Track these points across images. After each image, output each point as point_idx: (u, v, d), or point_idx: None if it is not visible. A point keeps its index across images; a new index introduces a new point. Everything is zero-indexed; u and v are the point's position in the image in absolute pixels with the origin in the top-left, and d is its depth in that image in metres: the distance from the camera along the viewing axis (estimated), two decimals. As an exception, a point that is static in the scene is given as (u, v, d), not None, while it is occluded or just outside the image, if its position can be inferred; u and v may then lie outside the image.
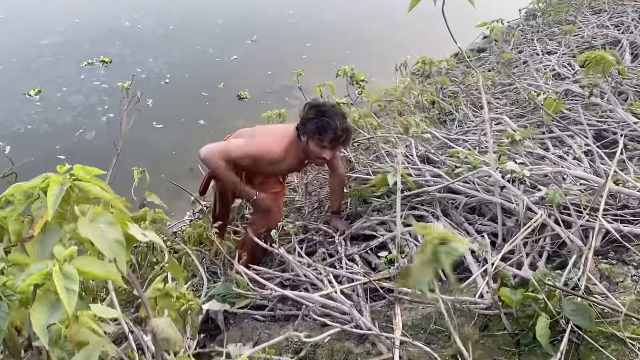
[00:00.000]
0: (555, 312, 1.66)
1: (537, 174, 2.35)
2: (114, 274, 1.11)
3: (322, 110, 2.73)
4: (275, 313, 2.50)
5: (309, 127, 2.71)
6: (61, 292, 0.99)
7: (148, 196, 3.00)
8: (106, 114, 7.09)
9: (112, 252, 1.26)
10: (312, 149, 2.74)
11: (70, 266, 1.04)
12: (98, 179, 1.34)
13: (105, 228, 1.28)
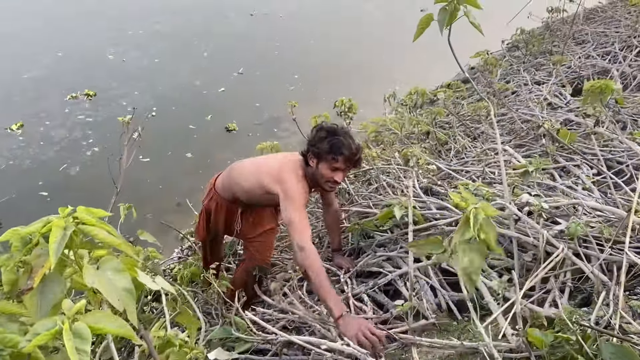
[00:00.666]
0: (591, 354, 1.55)
1: (552, 205, 2.27)
2: (128, 330, 0.98)
3: (332, 130, 2.64)
4: (280, 359, 2.35)
5: (322, 147, 2.58)
6: (72, 355, 0.86)
7: (140, 234, 2.86)
8: (91, 149, 6.94)
9: (122, 302, 1.14)
10: (324, 172, 2.61)
11: (81, 323, 0.91)
12: (103, 221, 1.22)
13: (112, 276, 1.16)
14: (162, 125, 7.74)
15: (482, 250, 1.42)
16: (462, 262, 1.42)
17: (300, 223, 2.46)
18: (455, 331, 2.19)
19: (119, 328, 1.00)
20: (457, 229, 1.45)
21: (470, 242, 1.42)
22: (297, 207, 2.51)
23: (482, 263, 1.42)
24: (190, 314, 1.48)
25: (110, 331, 0.98)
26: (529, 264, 2.31)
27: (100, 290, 1.16)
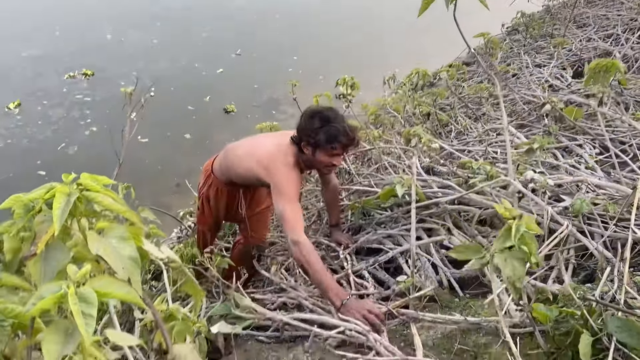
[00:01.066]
0: (596, 329, 1.54)
1: (557, 183, 2.26)
2: (135, 296, 0.96)
3: (326, 116, 2.51)
4: (281, 334, 2.35)
5: (319, 139, 2.48)
6: (78, 318, 0.85)
7: (141, 212, 2.84)
8: (89, 128, 6.89)
9: (126, 270, 1.12)
10: (321, 159, 2.54)
11: (87, 288, 0.89)
12: (108, 189, 1.20)
13: (117, 244, 1.14)
14: (161, 106, 7.66)
15: (522, 258, 1.45)
16: (505, 270, 1.45)
17: (293, 216, 2.39)
18: (457, 307, 2.19)
19: (126, 294, 0.99)
20: (497, 238, 1.49)
21: (511, 250, 1.46)
22: (289, 200, 2.43)
23: (524, 271, 1.45)
24: (195, 283, 1.46)
25: (117, 296, 0.97)
26: (531, 242, 2.30)
27: (105, 258, 1.14)
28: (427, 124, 4.54)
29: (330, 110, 2.57)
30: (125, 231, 1.15)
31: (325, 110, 2.57)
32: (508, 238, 1.42)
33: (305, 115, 2.58)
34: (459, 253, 1.60)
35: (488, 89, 4.69)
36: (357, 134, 2.59)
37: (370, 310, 2.10)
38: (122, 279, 1.11)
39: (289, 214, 2.39)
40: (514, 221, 1.43)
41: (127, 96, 2.75)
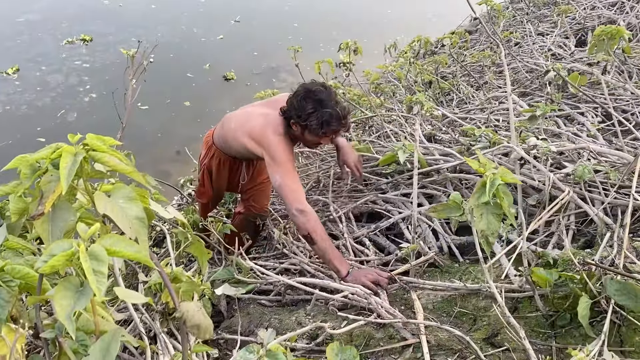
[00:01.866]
0: (595, 292, 1.57)
1: (559, 150, 2.26)
2: (144, 255, 0.97)
3: (319, 99, 2.38)
4: (283, 298, 2.38)
5: (310, 123, 2.38)
6: (89, 275, 0.86)
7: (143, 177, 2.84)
8: (88, 95, 6.84)
9: (134, 230, 1.13)
10: (310, 139, 2.48)
11: (97, 245, 0.90)
12: (114, 149, 1.20)
13: (124, 204, 1.15)
14: (161, 73, 7.58)
15: (498, 214, 1.46)
16: (479, 224, 1.46)
17: (293, 185, 2.35)
18: (457, 273, 2.22)
19: (136, 252, 0.99)
20: (473, 193, 1.49)
21: (487, 205, 1.46)
22: (286, 170, 2.38)
23: (498, 226, 1.46)
24: (202, 244, 1.48)
25: (127, 254, 0.98)
26: (531, 209, 2.32)
27: (112, 218, 1.15)
28: (429, 92, 4.51)
29: (323, 91, 2.43)
30: (132, 191, 1.15)
31: (319, 91, 2.43)
32: (483, 193, 1.43)
33: (298, 94, 2.45)
34: (438, 212, 1.61)
35: (491, 56, 4.65)
36: (349, 117, 2.51)
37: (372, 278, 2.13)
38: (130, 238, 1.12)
39: (289, 185, 2.35)
40: (489, 175, 1.43)
41: (130, 58, 2.72)
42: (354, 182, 3.00)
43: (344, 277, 2.19)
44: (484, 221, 1.44)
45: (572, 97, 3.36)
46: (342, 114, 2.40)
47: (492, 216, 1.44)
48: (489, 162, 1.43)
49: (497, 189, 1.42)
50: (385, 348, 1.79)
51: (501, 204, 1.43)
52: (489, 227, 1.44)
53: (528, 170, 2.28)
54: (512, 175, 1.43)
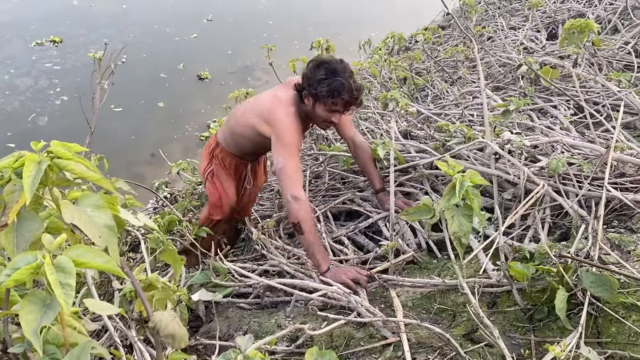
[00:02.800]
0: (572, 285, 1.58)
1: (533, 144, 2.27)
2: (113, 265, 0.94)
3: (333, 68, 2.32)
4: (262, 300, 2.36)
5: (320, 90, 2.30)
6: (56, 288, 0.82)
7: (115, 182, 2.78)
8: (59, 97, 6.70)
9: (103, 239, 1.09)
10: (320, 113, 2.38)
11: (64, 257, 0.87)
12: (80, 156, 1.16)
13: (92, 212, 1.11)
14: (134, 74, 7.50)
15: (469, 215, 1.47)
16: (451, 227, 1.46)
17: (294, 170, 2.28)
18: (436, 269, 2.22)
19: (105, 263, 0.96)
20: (443, 195, 1.50)
21: (457, 207, 1.47)
22: (291, 153, 2.30)
23: (470, 227, 1.47)
24: (174, 251, 1.45)
25: (95, 265, 0.94)
26: (507, 203, 2.33)
27: (80, 227, 1.11)
28: (404, 88, 4.52)
29: (339, 62, 2.39)
30: (100, 199, 1.12)
31: (334, 61, 2.40)
32: (453, 195, 1.44)
33: (312, 63, 2.42)
34: (409, 215, 1.62)
35: (464, 51, 4.68)
36: (361, 93, 2.42)
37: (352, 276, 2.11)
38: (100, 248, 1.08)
39: (291, 169, 2.28)
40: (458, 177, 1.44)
41: (97, 62, 2.66)
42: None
43: (324, 272, 2.17)
44: (455, 223, 1.45)
45: (545, 90, 3.39)
46: (355, 86, 2.34)
47: (464, 218, 1.45)
48: (457, 165, 1.44)
49: (466, 191, 1.43)
50: (366, 348, 1.78)
51: (471, 205, 1.44)
52: (461, 229, 1.45)
53: (503, 164, 2.29)
54: (479, 176, 1.45)
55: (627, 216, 2.02)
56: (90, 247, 0.94)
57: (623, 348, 1.45)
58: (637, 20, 4.31)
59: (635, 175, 2.14)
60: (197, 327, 2.41)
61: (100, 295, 2.66)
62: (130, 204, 2.40)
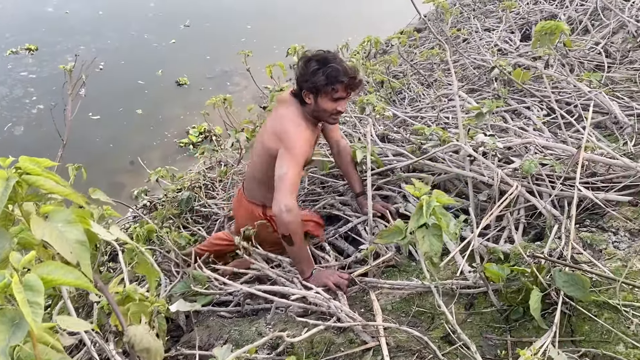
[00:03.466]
0: (545, 285, 1.61)
1: (506, 145, 2.31)
2: (84, 281, 0.94)
3: (323, 58, 2.32)
4: (242, 308, 2.36)
5: (318, 80, 2.27)
6: (23, 307, 0.82)
7: (92, 193, 2.76)
8: (35, 106, 6.61)
9: (75, 254, 1.09)
10: (325, 105, 2.33)
11: (32, 275, 0.86)
12: (50, 171, 1.16)
13: (63, 228, 1.10)
14: (111, 81, 7.42)
15: (439, 235, 1.50)
16: (422, 247, 1.49)
17: (294, 180, 2.22)
18: (415, 271, 2.24)
19: (75, 279, 0.96)
20: (412, 216, 1.52)
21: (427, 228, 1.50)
22: (296, 163, 2.24)
23: (440, 246, 1.50)
24: (148, 263, 1.44)
25: (65, 282, 0.94)
26: (483, 204, 2.37)
27: (51, 243, 1.10)
28: (381, 91, 4.55)
29: (327, 52, 2.39)
30: (71, 214, 1.11)
31: (322, 52, 2.39)
32: (421, 215, 1.47)
33: (301, 61, 2.40)
34: (383, 238, 1.65)
35: (439, 54, 4.73)
36: (358, 74, 2.39)
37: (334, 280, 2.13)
38: (72, 264, 1.08)
39: (291, 177, 2.22)
40: (424, 198, 1.48)
41: (68, 73, 2.64)
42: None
43: (307, 278, 2.19)
44: (426, 243, 1.48)
45: (519, 91, 3.45)
46: (349, 69, 2.32)
47: (434, 237, 1.48)
48: (424, 186, 1.49)
49: (434, 211, 1.47)
50: (346, 353, 1.79)
51: (440, 225, 1.47)
52: (432, 249, 1.48)
53: (478, 166, 2.32)
54: (446, 196, 1.49)
55: (599, 215, 2.06)
56: (59, 263, 0.94)
57: (596, 346, 1.48)
58: (607, 20, 4.40)
59: (606, 174, 2.18)
60: (178, 337, 2.39)
61: (79, 308, 2.64)
62: (108, 214, 2.39)
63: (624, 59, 3.73)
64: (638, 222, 1.89)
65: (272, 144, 2.36)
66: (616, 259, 1.72)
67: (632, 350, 1.40)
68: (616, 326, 1.48)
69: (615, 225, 1.91)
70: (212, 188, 4.40)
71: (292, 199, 2.19)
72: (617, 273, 1.62)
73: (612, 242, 1.84)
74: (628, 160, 2.11)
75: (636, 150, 2.39)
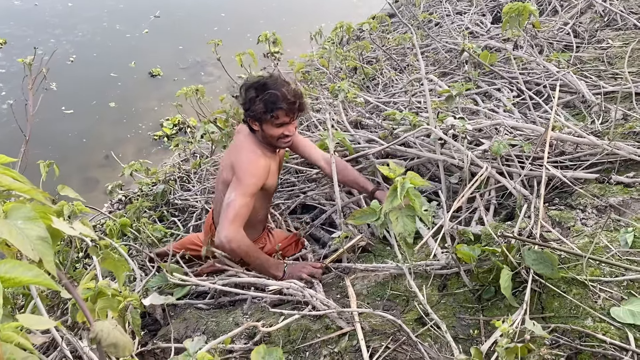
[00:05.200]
0: (515, 264, 1.63)
1: (476, 127, 2.33)
2: (45, 279, 0.92)
3: (261, 84, 2.27)
4: (215, 301, 2.35)
5: (257, 109, 2.24)
6: (-20, 308, 0.80)
7: (61, 189, 2.71)
8: (5, 101, 6.45)
9: (37, 251, 1.06)
10: (270, 132, 2.29)
11: (-13, 274, 0.84)
12: (8, 167, 1.13)
13: (24, 225, 1.07)
14: (84, 74, 7.27)
15: (412, 215, 1.52)
16: (396, 228, 1.51)
17: (238, 210, 2.17)
18: (389, 255, 2.25)
19: (34, 277, 0.94)
20: (386, 197, 1.53)
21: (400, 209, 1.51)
22: (243, 192, 2.20)
23: (414, 226, 1.52)
24: (114, 258, 1.42)
25: (24, 281, 0.92)
26: (455, 187, 2.39)
27: (11, 241, 1.08)
28: (355, 77, 4.55)
29: (268, 77, 2.33)
30: (31, 210, 1.08)
31: (262, 77, 2.33)
32: (395, 197, 1.48)
33: (243, 89, 2.34)
34: (356, 219, 1.65)
35: (411, 39, 4.73)
36: (300, 97, 2.32)
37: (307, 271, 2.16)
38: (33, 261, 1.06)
39: (236, 207, 2.18)
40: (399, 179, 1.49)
41: (27, 67, 2.57)
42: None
43: (282, 278, 2.20)
44: (400, 224, 1.50)
45: (489, 74, 3.47)
46: (290, 92, 2.26)
47: (407, 218, 1.51)
48: (398, 168, 1.49)
49: (407, 192, 1.48)
50: (322, 339, 1.80)
51: (414, 206, 1.49)
52: (405, 229, 1.50)
53: (449, 149, 2.34)
54: (420, 178, 1.50)
55: (568, 193, 2.09)
56: (18, 261, 0.92)
57: (565, 321, 1.50)
58: (575, 1, 4.44)
59: (574, 153, 2.21)
60: (155, 331, 2.38)
61: (53, 306, 2.61)
62: (79, 210, 2.35)
63: (592, 39, 3.78)
64: (605, 198, 1.92)
65: (228, 175, 2.33)
66: (584, 236, 1.75)
67: (599, 324, 1.42)
68: (584, 301, 1.51)
69: (583, 202, 1.94)
70: (188, 180, 4.37)
71: (234, 228, 2.15)
72: (584, 249, 1.65)
73: (580, 219, 1.87)
74: (594, 138, 2.14)
75: (603, 129, 2.43)
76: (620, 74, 3.04)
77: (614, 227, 1.78)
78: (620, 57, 3.30)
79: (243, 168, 2.25)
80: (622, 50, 3.37)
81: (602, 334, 1.38)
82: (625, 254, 1.61)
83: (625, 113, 2.49)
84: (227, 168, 2.36)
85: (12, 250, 1.31)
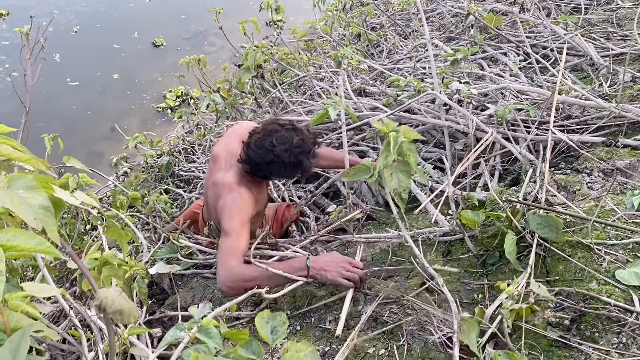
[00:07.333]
0: (520, 228, 1.63)
1: (481, 92, 2.29)
2: (48, 246, 0.92)
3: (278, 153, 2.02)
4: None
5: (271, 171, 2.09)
6: (-18, 276, 0.80)
7: (67, 161, 2.72)
8: (9, 74, 6.42)
9: (39, 220, 1.06)
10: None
11: (-9, 243, 0.84)
12: (8, 137, 1.12)
13: (26, 194, 1.07)
14: (88, 45, 7.22)
15: (407, 171, 1.49)
16: (391, 183, 1.48)
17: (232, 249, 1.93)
18: (393, 223, 2.25)
19: (37, 245, 0.94)
20: (380, 153, 1.50)
21: (395, 164, 1.48)
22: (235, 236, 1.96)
23: (409, 182, 1.49)
24: (118, 227, 1.43)
25: (26, 249, 0.92)
26: (460, 153, 2.37)
27: (13, 210, 1.08)
28: (358, 44, 4.48)
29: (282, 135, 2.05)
30: (33, 180, 1.08)
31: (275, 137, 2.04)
32: (389, 153, 1.46)
33: (253, 146, 2.06)
34: (349, 176, 1.61)
35: (415, 3, 4.64)
36: (317, 141, 2.15)
37: (351, 265, 1.81)
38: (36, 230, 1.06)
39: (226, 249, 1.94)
40: (392, 134, 1.46)
41: (25, 36, 2.54)
42: None
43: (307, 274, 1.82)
44: (394, 180, 1.47)
45: (496, 37, 3.40)
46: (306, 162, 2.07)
47: (402, 174, 1.48)
48: (391, 123, 1.46)
49: (401, 147, 1.45)
50: (325, 303, 1.82)
51: (408, 161, 1.46)
52: (400, 185, 1.48)
53: (453, 115, 2.31)
54: (414, 132, 1.47)
55: (574, 157, 2.07)
56: (20, 230, 0.92)
57: (569, 284, 1.50)
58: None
59: (581, 116, 2.18)
60: (163, 300, 2.41)
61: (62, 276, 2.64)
62: (84, 182, 2.36)
63: (601, 0, 3.68)
64: (611, 162, 1.90)
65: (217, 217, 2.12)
66: (589, 199, 1.74)
67: (604, 286, 1.42)
68: (589, 264, 1.51)
69: (589, 166, 1.92)
70: (192, 152, 4.36)
71: (228, 268, 1.87)
72: (590, 213, 1.63)
73: (586, 183, 1.85)
74: (601, 101, 2.10)
75: (611, 91, 2.39)
76: (629, 36, 2.97)
77: (620, 190, 1.77)
78: (630, 18, 3.22)
79: (227, 215, 2.01)
80: (632, 12, 3.29)
81: (606, 296, 1.37)
82: (631, 216, 1.60)
83: (634, 75, 2.44)
84: (213, 211, 2.18)
85: (16, 220, 1.32)
